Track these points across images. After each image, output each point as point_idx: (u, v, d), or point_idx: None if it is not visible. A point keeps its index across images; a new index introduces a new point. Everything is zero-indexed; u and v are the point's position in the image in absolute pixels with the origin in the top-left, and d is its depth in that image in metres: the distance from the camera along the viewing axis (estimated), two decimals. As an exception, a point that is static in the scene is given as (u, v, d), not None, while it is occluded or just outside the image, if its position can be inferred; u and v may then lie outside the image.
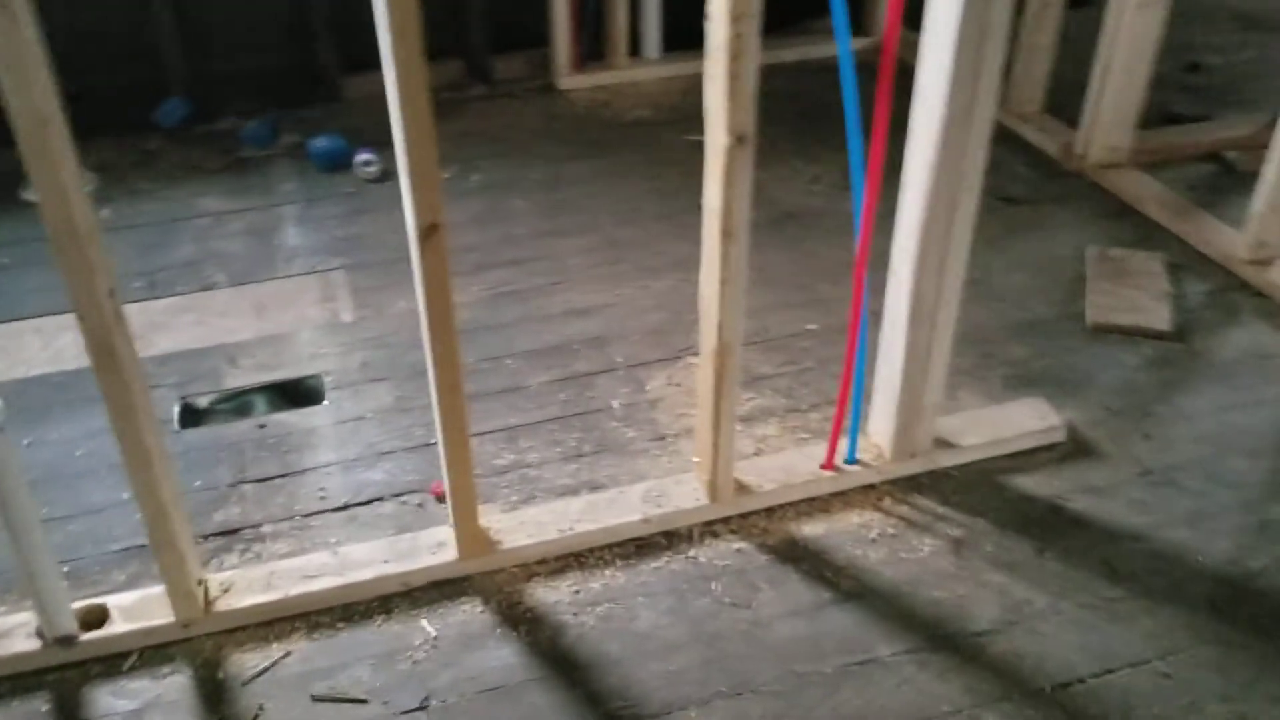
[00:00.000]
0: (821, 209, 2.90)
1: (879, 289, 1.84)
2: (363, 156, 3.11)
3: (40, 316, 2.50)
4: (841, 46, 1.54)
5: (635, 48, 3.69)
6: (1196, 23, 3.89)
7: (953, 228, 1.69)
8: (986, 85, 1.56)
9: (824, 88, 2.66)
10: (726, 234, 1.62)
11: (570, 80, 3.62)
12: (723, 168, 1.55)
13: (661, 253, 2.73)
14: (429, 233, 1.49)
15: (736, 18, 1.43)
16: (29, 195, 2.97)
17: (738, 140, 1.53)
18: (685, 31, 3.67)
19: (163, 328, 2.45)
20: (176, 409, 2.22)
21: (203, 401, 2.26)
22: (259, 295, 2.59)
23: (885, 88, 1.58)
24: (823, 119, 3.13)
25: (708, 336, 1.74)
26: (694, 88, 3.67)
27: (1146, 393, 2.21)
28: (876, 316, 1.87)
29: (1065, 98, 3.12)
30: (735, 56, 1.46)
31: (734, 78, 1.48)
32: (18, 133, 1.24)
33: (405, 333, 2.41)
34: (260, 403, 2.28)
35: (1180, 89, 3.44)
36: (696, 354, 2.37)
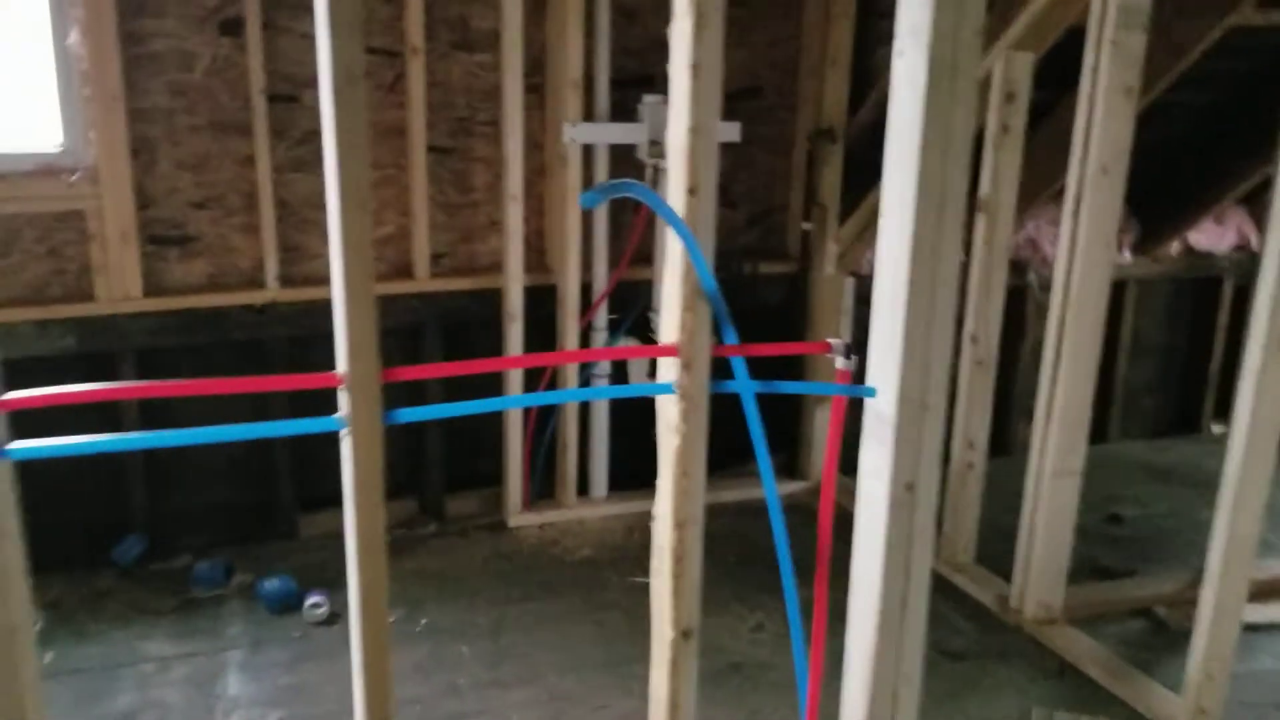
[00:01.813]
0: (767, 660, 2.92)
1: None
2: (312, 599, 3.13)
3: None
4: (770, 495, 1.63)
5: (583, 488, 3.86)
6: (1115, 475, 4.17)
7: (898, 710, 1.73)
8: (918, 577, 1.66)
9: (765, 530, 2.77)
10: (673, 723, 1.64)
11: (520, 518, 3.74)
12: (669, 660, 1.61)
13: (604, 707, 2.71)
14: (376, 728, 1.49)
15: (680, 523, 1.55)
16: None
17: (683, 635, 1.59)
18: (631, 472, 3.89)
19: (86, 793, 2.35)
20: None
21: None
22: (192, 754, 2.51)
23: (825, 539, 1.67)
24: (764, 562, 3.24)
25: (654, 824, 1.71)
26: (638, 525, 3.80)
27: None
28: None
29: (996, 546, 3.28)
30: (679, 559, 1.56)
31: (678, 577, 1.57)
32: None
33: (341, 798, 2.33)
34: None
35: (1104, 541, 3.63)
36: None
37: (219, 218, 3.36)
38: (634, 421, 3.85)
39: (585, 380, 3.71)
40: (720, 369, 1.55)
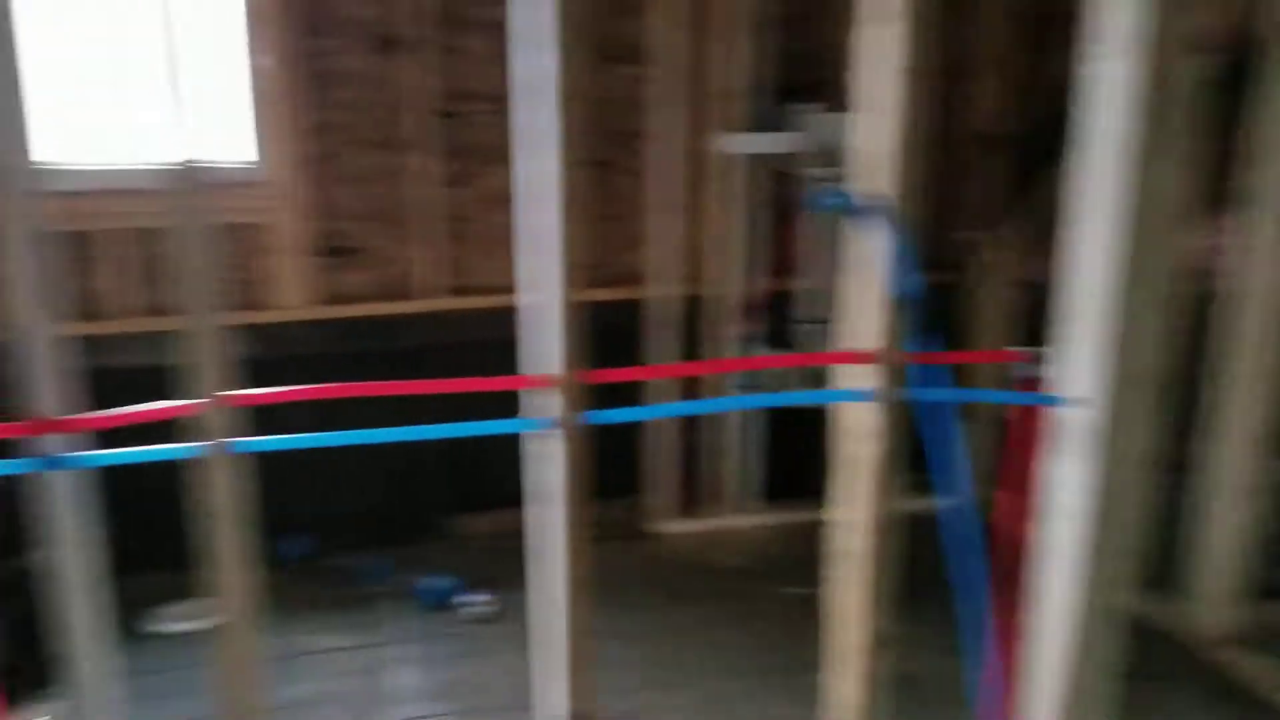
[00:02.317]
0: (925, 674, 2.88)
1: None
2: (471, 597, 3.23)
3: (154, 757, 2.53)
4: (959, 507, 1.62)
5: (734, 497, 3.86)
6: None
7: (1088, 709, 1.70)
8: (1112, 595, 1.63)
9: (921, 544, 2.75)
10: (864, 734, 1.64)
11: (669, 525, 3.77)
12: (860, 668, 1.61)
13: (767, 712, 2.71)
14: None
15: (876, 530, 1.55)
16: (154, 625, 3.11)
17: (877, 642, 1.59)
18: (783, 482, 3.89)
19: (272, 777, 2.46)
20: None
21: None
22: (367, 743, 2.61)
23: (1005, 552, 1.66)
24: (921, 577, 3.20)
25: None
26: (792, 537, 3.76)
27: None
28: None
29: (1171, 566, 3.16)
30: (875, 565, 1.56)
31: (872, 584, 1.57)
32: (218, 624, 1.36)
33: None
34: None
35: None
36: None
37: (385, 230, 3.49)
38: (784, 432, 3.85)
39: (738, 390, 3.71)
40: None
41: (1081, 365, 1.51)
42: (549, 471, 1.47)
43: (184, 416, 1.35)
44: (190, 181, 1.26)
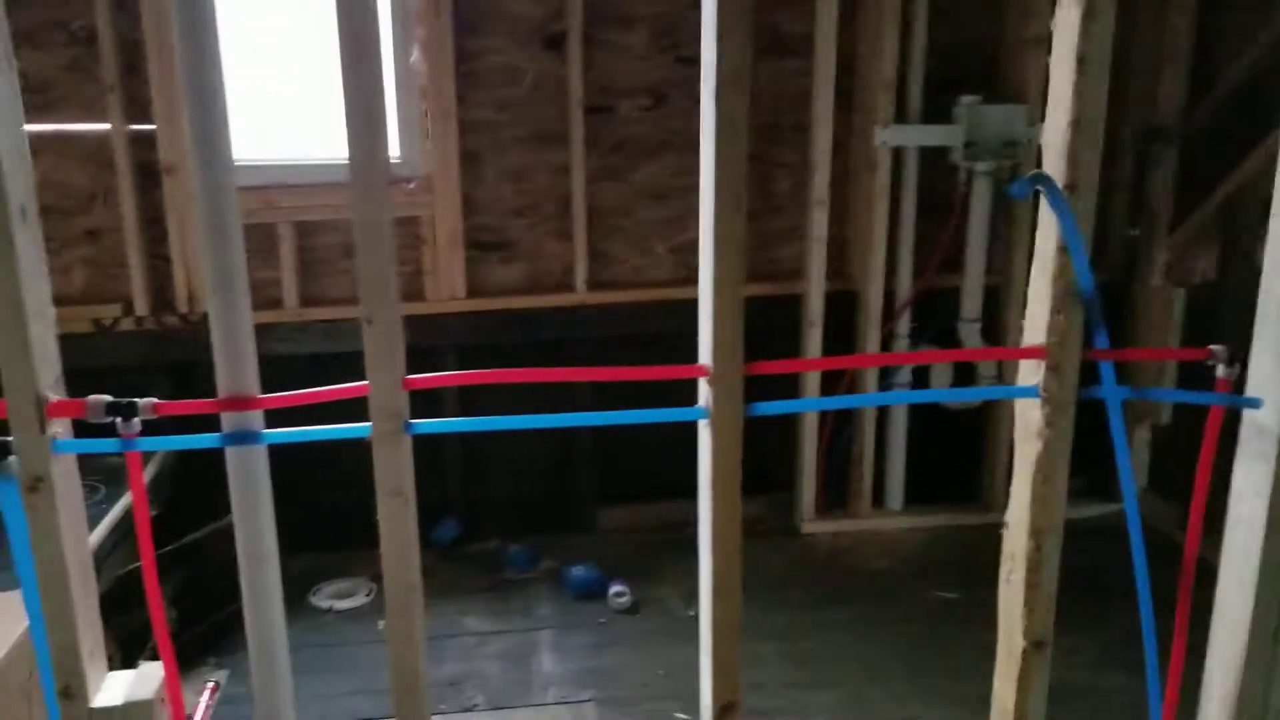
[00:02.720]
0: (1083, 685, 2.79)
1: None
2: (616, 588, 3.26)
3: (314, 727, 2.64)
4: (1130, 512, 1.56)
5: (879, 497, 3.81)
6: None
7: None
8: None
9: (1068, 551, 2.66)
10: (1017, 736, 1.60)
11: (813, 525, 3.74)
12: (1019, 671, 1.57)
13: (912, 717, 2.67)
14: (725, 712, 1.54)
15: (1037, 531, 1.51)
16: (318, 601, 3.24)
17: (1035, 645, 1.55)
18: (926, 485, 3.81)
19: (425, 752, 2.54)
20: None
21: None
22: (514, 724, 2.67)
23: (1184, 599, 1.59)
24: (1073, 585, 3.09)
25: (990, 838, 1.67)
26: (936, 540, 3.69)
27: None
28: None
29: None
30: (1034, 568, 1.52)
31: (1032, 586, 1.53)
32: (389, 597, 1.41)
33: (653, 782, 2.41)
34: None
35: None
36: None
37: (535, 224, 3.56)
38: (931, 434, 3.78)
39: (885, 388, 3.66)
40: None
41: (1266, 368, 1.43)
42: (702, 463, 1.47)
43: (360, 398, 1.41)
44: (371, 176, 1.30)
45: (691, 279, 3.92)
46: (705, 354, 1.47)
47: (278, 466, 1.68)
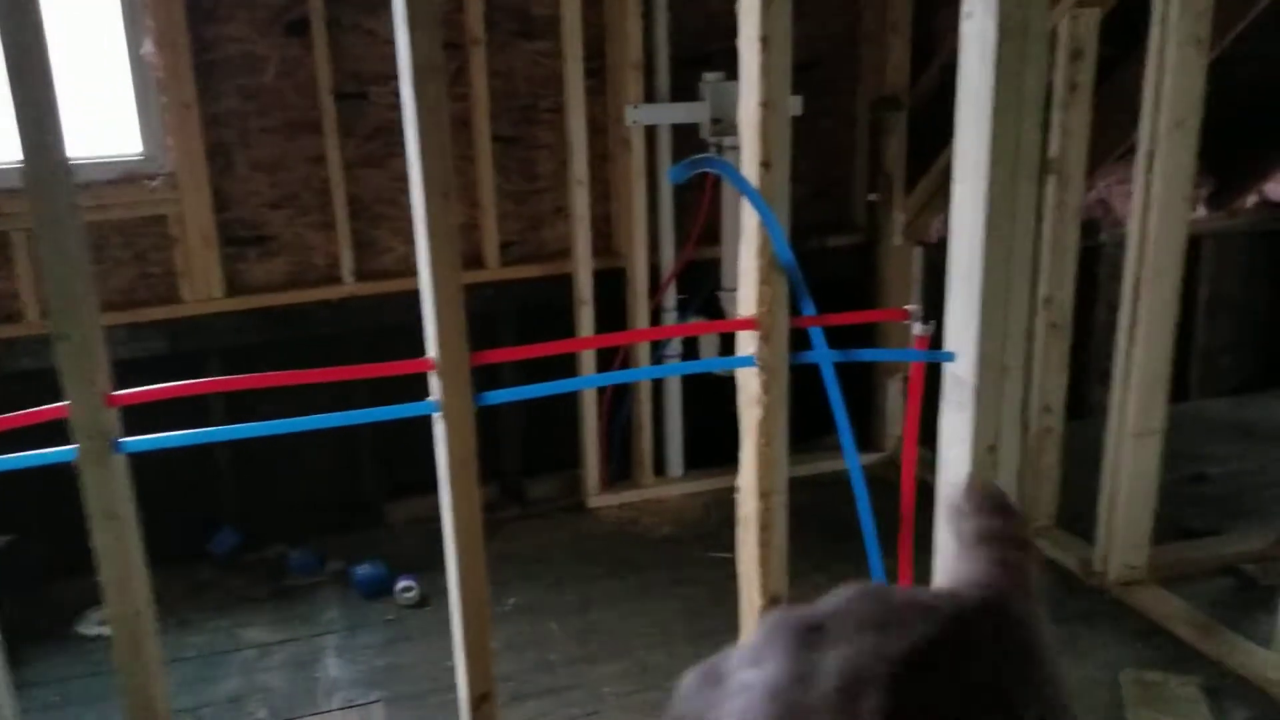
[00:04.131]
0: (851, 629, 2.95)
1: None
2: (403, 583, 3.22)
3: (80, 762, 2.51)
4: (853, 467, 1.65)
5: (660, 467, 3.89)
6: (1197, 434, 4.11)
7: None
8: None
9: (843, 502, 2.78)
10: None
11: (599, 499, 3.80)
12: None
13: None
14: (480, 701, 1.55)
15: (765, 493, 1.58)
16: (85, 629, 3.07)
17: (772, 602, 1.63)
18: (705, 450, 3.92)
19: (201, 773, 2.45)
20: None
21: None
22: (297, 734, 2.61)
23: (908, 501, 1.70)
24: (843, 533, 3.25)
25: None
26: (716, 503, 3.83)
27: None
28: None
29: (1076, 509, 3.25)
30: (765, 527, 1.59)
31: (764, 545, 1.60)
32: (114, 630, 1.35)
33: (442, 773, 2.40)
34: None
35: (1189, 501, 3.58)
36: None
37: (294, 216, 3.45)
38: (707, 400, 3.88)
39: (658, 361, 3.74)
40: (797, 341, 1.57)
41: (959, 325, 1.54)
42: (438, 455, 1.48)
43: (66, 417, 1.34)
44: (47, 175, 1.23)
45: (464, 263, 3.88)
46: (431, 347, 1.47)
47: (26, 494, 1.58)
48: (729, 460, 4.05)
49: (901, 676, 0.33)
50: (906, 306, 1.57)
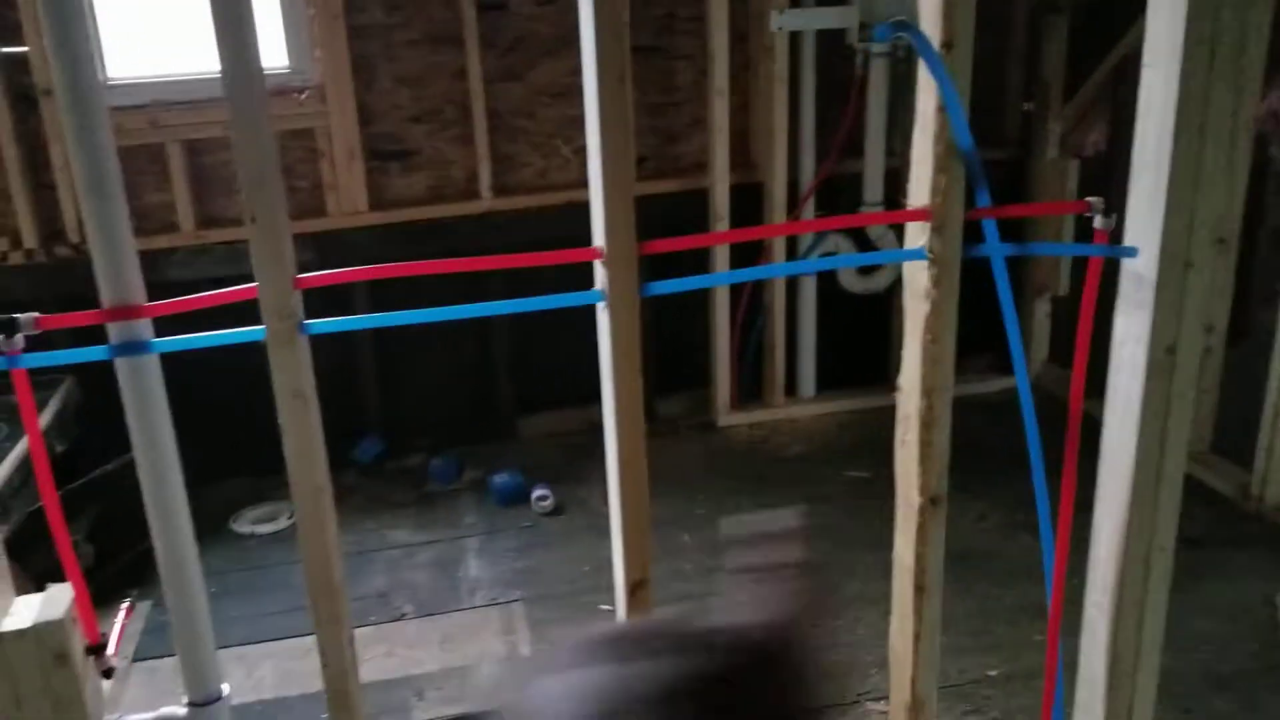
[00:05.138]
0: (990, 549, 2.91)
1: (1067, 634, 1.82)
2: (539, 492, 3.30)
3: (243, 645, 2.65)
4: (1022, 386, 1.61)
5: (791, 387, 3.87)
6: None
7: (1149, 585, 1.70)
8: (1174, 444, 1.61)
9: (979, 424, 2.73)
10: (919, 589, 1.66)
11: (730, 418, 3.80)
12: (916, 527, 1.63)
13: (832, 589, 2.76)
14: (636, 587, 1.58)
15: (928, 390, 1.55)
16: (239, 527, 3.22)
17: (931, 502, 1.61)
18: (837, 372, 3.88)
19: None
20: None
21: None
22: (445, 626, 2.71)
23: (1073, 444, 1.65)
24: (986, 456, 3.20)
25: (899, 690, 1.75)
26: (848, 424, 3.78)
27: (1368, 758, 2.08)
28: (1068, 667, 1.84)
29: (1234, 434, 3.13)
30: (927, 425, 1.56)
31: (926, 444, 1.58)
32: (298, 502, 1.41)
33: (584, 670, 2.46)
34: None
35: (1352, 428, 3.41)
36: (874, 699, 2.35)
37: (435, 131, 3.49)
38: (840, 322, 3.84)
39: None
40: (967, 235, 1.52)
41: (1142, 218, 1.48)
42: (602, 346, 1.49)
43: (255, 301, 1.39)
44: (248, 89, 1.27)
45: (597, 179, 3.81)
46: (598, 236, 1.47)
47: (188, 396, 1.65)
48: (861, 382, 4.00)
49: (703, 695, 0.41)
50: (1089, 199, 1.51)
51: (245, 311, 1.42)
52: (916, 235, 1.49)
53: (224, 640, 2.67)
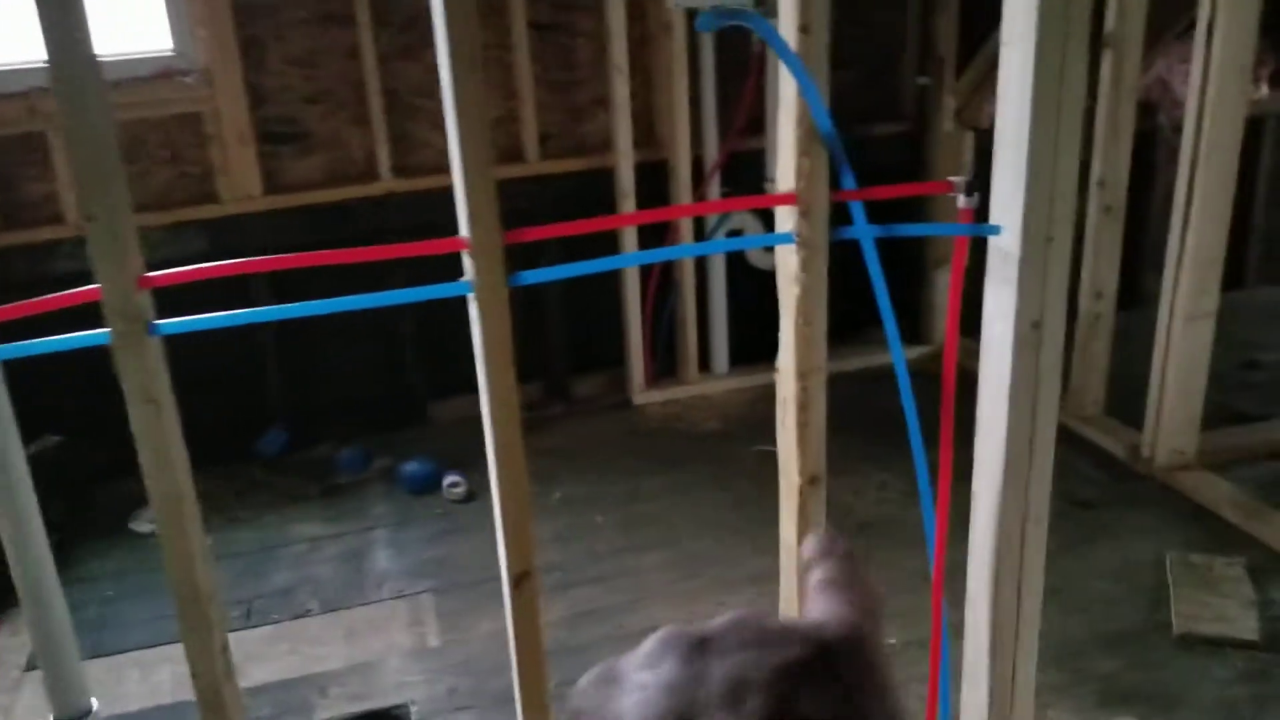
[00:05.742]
0: (893, 516, 2.95)
1: (958, 601, 1.85)
2: (450, 479, 3.26)
3: (141, 649, 2.59)
4: (897, 359, 1.62)
5: (705, 363, 3.88)
6: (1252, 321, 4.00)
7: (1024, 556, 1.73)
8: (1044, 417, 1.63)
9: (886, 394, 2.74)
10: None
11: (644, 396, 3.80)
12: (796, 507, 1.63)
13: (738, 565, 2.78)
14: (521, 579, 1.56)
15: (803, 373, 1.55)
16: (138, 526, 3.15)
17: (809, 481, 1.61)
18: (750, 346, 3.90)
19: (258, 658, 2.52)
20: (267, 743, 2.25)
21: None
22: (350, 621, 2.67)
23: (948, 403, 1.67)
24: (887, 425, 3.22)
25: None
26: (761, 398, 3.81)
27: (1242, 710, 2.14)
28: (959, 630, 1.87)
29: (1126, 397, 3.20)
30: (803, 407, 1.57)
31: (803, 425, 1.58)
32: (157, 512, 1.37)
33: (490, 656, 2.45)
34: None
35: (1241, 387, 3.51)
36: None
37: (330, 112, 3.42)
38: (751, 297, 3.84)
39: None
40: (839, 218, 1.52)
41: (1005, 196, 1.49)
42: (475, 336, 1.46)
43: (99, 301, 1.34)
44: (77, 76, 1.21)
45: (503, 157, 3.83)
46: (464, 227, 1.44)
47: (75, 397, 1.60)
48: (773, 357, 4.04)
49: (776, 685, 0.40)
50: (950, 179, 1.51)
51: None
52: (785, 219, 1.48)
53: (121, 645, 2.63)
